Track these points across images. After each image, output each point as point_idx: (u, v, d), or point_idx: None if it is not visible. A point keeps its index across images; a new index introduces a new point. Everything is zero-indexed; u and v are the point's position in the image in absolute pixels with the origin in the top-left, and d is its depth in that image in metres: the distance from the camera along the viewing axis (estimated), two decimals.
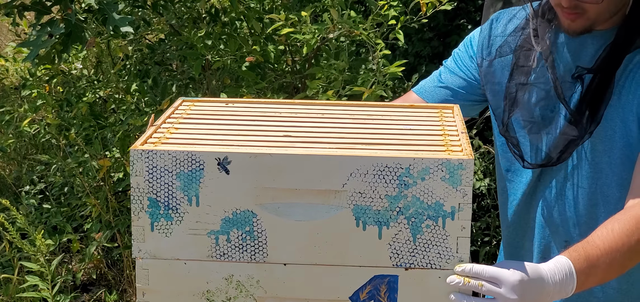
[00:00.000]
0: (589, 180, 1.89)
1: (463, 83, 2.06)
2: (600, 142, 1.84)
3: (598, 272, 1.64)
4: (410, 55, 4.82)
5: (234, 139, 1.62)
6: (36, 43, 3.02)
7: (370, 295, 1.57)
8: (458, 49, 2.11)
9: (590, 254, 1.64)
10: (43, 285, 2.92)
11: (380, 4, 3.23)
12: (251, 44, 3.54)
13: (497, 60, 1.98)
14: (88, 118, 3.70)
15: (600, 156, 1.85)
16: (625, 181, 1.83)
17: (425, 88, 2.11)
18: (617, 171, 1.85)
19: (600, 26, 1.83)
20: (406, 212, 1.53)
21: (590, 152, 1.87)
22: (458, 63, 2.08)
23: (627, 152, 1.82)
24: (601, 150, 1.85)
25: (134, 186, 1.55)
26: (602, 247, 1.65)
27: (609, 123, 1.82)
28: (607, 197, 1.88)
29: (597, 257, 1.64)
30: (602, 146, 1.84)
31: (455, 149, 1.57)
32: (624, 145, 1.82)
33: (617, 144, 1.83)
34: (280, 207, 1.55)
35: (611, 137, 1.83)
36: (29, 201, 4.14)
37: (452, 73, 2.08)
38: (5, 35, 6.82)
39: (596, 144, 1.85)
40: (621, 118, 1.81)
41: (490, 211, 4.26)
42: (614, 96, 1.81)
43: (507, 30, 1.99)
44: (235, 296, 1.59)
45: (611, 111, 1.82)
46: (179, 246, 1.57)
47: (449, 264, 1.55)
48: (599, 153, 1.85)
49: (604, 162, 1.85)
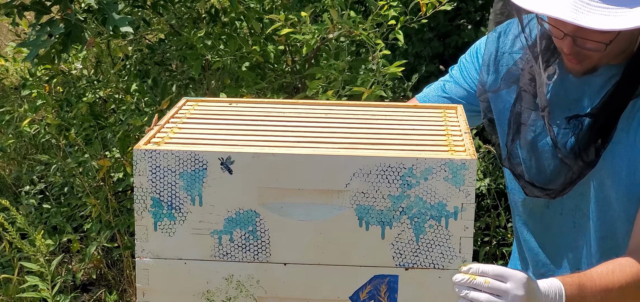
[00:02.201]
0: (597, 212, 1.88)
1: (467, 95, 2.05)
2: (608, 177, 1.83)
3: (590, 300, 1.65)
4: (410, 56, 4.82)
5: (237, 139, 1.62)
6: (36, 43, 3.02)
7: (371, 295, 1.57)
8: (464, 59, 2.09)
9: (584, 284, 1.66)
10: (43, 285, 2.92)
11: (380, 4, 3.23)
12: (251, 44, 3.54)
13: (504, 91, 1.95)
14: (88, 118, 3.70)
15: (608, 190, 1.84)
16: (632, 217, 1.81)
17: (429, 97, 2.10)
18: (624, 207, 1.83)
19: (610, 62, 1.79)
20: (409, 212, 1.53)
21: (598, 185, 1.85)
22: (463, 74, 2.06)
23: (633, 190, 1.81)
24: (609, 185, 1.83)
25: (137, 185, 1.55)
26: (598, 283, 1.67)
27: (617, 159, 1.80)
28: (614, 230, 1.87)
29: (590, 290, 1.66)
30: (610, 181, 1.83)
31: (458, 149, 1.57)
32: (630, 184, 1.80)
33: (624, 181, 1.81)
34: (284, 207, 1.55)
35: (618, 173, 1.81)
36: (28, 201, 4.14)
37: (457, 84, 2.07)
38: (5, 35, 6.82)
39: (604, 178, 1.83)
40: (629, 156, 1.79)
41: (490, 210, 4.26)
42: (623, 133, 1.79)
43: (514, 47, 1.95)
44: (235, 296, 1.59)
45: (620, 148, 1.80)
46: (182, 245, 1.57)
47: (452, 264, 1.55)
48: (607, 187, 1.84)
49: (611, 196, 1.84)
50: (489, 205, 4.27)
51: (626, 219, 1.83)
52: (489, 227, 4.24)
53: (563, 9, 1.60)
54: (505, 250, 4.10)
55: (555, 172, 1.86)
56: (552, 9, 1.61)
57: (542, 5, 1.63)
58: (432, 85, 2.15)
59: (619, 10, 1.60)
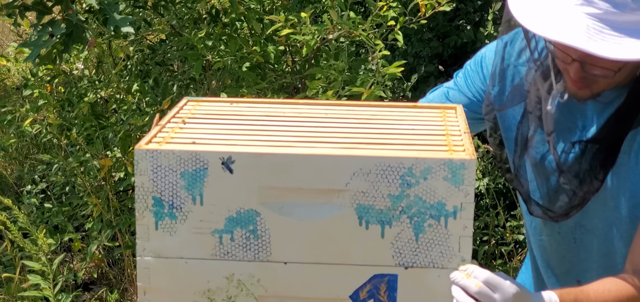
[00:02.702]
0: (600, 229, 1.89)
1: (470, 103, 2.05)
2: (611, 199, 1.83)
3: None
4: (409, 56, 4.82)
5: (238, 138, 1.62)
6: (37, 43, 3.03)
7: (370, 294, 1.58)
8: (469, 66, 2.07)
9: (580, 300, 1.67)
10: (45, 284, 2.93)
11: (379, 5, 3.24)
12: (251, 44, 3.55)
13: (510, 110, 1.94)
14: (89, 118, 3.71)
15: (611, 211, 1.85)
16: (631, 238, 1.82)
17: (433, 103, 2.09)
18: (625, 227, 1.84)
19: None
20: (409, 212, 1.54)
21: (601, 203, 1.85)
22: (467, 82, 2.06)
23: (634, 211, 1.81)
24: (612, 206, 1.84)
25: (139, 185, 1.56)
26: (593, 300, 1.68)
27: (620, 181, 1.81)
28: (614, 249, 1.88)
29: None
30: (613, 202, 1.84)
31: (457, 149, 1.58)
32: (632, 206, 1.81)
33: (626, 203, 1.82)
34: (284, 207, 1.56)
35: (622, 194, 1.81)
36: (30, 200, 4.15)
37: (461, 92, 2.07)
38: (7, 35, 6.82)
39: (607, 200, 1.84)
40: (631, 179, 1.79)
41: (489, 210, 4.27)
42: (626, 155, 1.78)
43: (520, 59, 1.93)
44: (236, 295, 1.60)
45: (622, 170, 1.80)
46: (183, 244, 1.58)
47: (451, 263, 1.56)
48: (610, 209, 1.85)
49: (614, 217, 1.85)
50: (487, 204, 4.28)
51: (626, 241, 1.84)
52: (488, 226, 4.25)
53: (577, 36, 1.58)
54: (504, 249, 4.11)
55: (559, 195, 1.86)
56: (567, 36, 1.58)
57: (555, 32, 1.60)
58: (435, 90, 2.15)
59: (632, 40, 1.59)
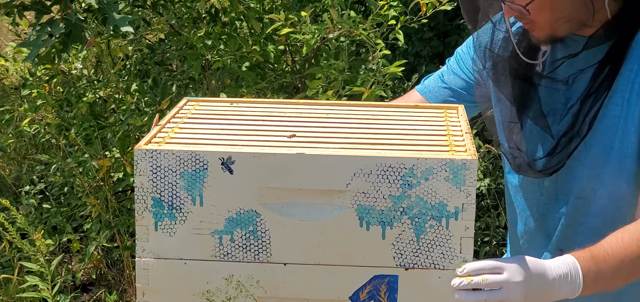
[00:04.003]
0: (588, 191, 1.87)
1: (464, 84, 2.07)
2: (603, 154, 1.82)
3: (605, 274, 1.65)
4: (410, 55, 4.82)
5: (238, 139, 1.62)
6: (36, 43, 3.01)
7: (370, 295, 1.57)
8: (461, 49, 2.11)
9: (597, 254, 1.65)
10: (43, 285, 2.92)
11: (380, 4, 3.23)
12: (251, 44, 3.54)
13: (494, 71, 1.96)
14: (88, 118, 3.70)
15: (601, 167, 1.83)
16: (619, 192, 1.81)
17: (429, 88, 2.12)
18: (615, 182, 1.83)
19: (580, 32, 1.81)
20: (410, 213, 1.53)
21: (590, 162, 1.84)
22: (460, 64, 2.08)
23: (623, 164, 1.80)
24: (602, 161, 1.82)
25: (138, 185, 1.55)
26: (609, 251, 1.65)
27: (611, 135, 1.80)
28: (604, 208, 1.86)
29: (603, 258, 1.64)
30: (604, 157, 1.82)
31: (459, 150, 1.57)
32: (621, 157, 1.80)
33: (615, 154, 1.80)
34: (284, 207, 1.55)
35: (611, 147, 1.80)
36: (28, 200, 4.13)
37: (454, 74, 2.09)
38: (5, 35, 6.81)
39: (597, 155, 1.83)
40: (622, 129, 1.79)
41: (490, 211, 4.26)
42: (617, 107, 1.78)
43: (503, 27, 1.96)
44: (235, 296, 1.59)
45: (613, 122, 1.79)
46: (182, 245, 1.57)
47: (453, 264, 1.55)
48: (600, 164, 1.83)
49: (604, 173, 1.83)
50: (489, 205, 4.27)
51: (613, 196, 1.83)
52: (489, 227, 4.24)
53: None
54: (505, 251, 4.11)
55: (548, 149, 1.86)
56: None
57: None
58: (430, 76, 2.16)
59: None
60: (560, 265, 1.62)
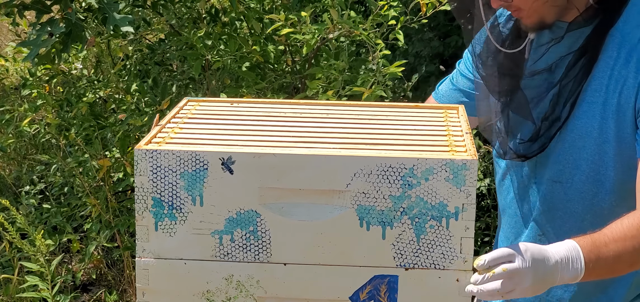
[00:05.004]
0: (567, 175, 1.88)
1: (472, 84, 2.07)
2: (579, 139, 1.84)
3: (607, 259, 1.65)
4: (410, 56, 4.82)
5: (238, 139, 1.62)
6: (36, 42, 3.01)
7: (370, 295, 1.57)
8: (467, 51, 2.12)
9: (597, 239, 1.65)
10: (43, 285, 2.92)
11: (380, 4, 3.23)
12: (251, 44, 3.54)
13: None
14: (88, 118, 3.69)
15: (578, 151, 1.84)
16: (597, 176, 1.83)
17: (441, 93, 2.14)
18: (593, 167, 1.84)
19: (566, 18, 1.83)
20: (410, 213, 1.53)
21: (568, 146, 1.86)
22: (466, 63, 2.10)
23: (602, 148, 1.82)
24: (580, 146, 1.84)
25: (138, 185, 1.55)
26: (611, 237, 1.66)
27: (589, 120, 1.81)
28: (582, 193, 1.87)
29: (605, 243, 1.65)
30: (581, 142, 1.84)
31: (459, 150, 1.57)
32: (600, 142, 1.81)
33: (594, 140, 1.82)
34: (284, 207, 1.55)
35: (588, 132, 1.82)
36: (28, 200, 4.13)
37: (463, 75, 2.11)
38: (5, 35, 6.82)
39: (575, 140, 1.84)
40: (601, 114, 1.80)
41: (490, 211, 4.26)
42: (596, 93, 1.80)
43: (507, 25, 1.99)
44: (235, 296, 1.59)
45: (591, 107, 1.81)
46: (182, 245, 1.57)
47: (453, 264, 1.55)
48: (577, 149, 1.84)
49: (581, 158, 1.85)
50: (489, 205, 4.27)
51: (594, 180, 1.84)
52: (489, 227, 4.24)
53: None
54: None
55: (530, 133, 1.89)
56: None
57: None
58: (444, 81, 2.18)
59: None
60: (561, 249, 1.62)
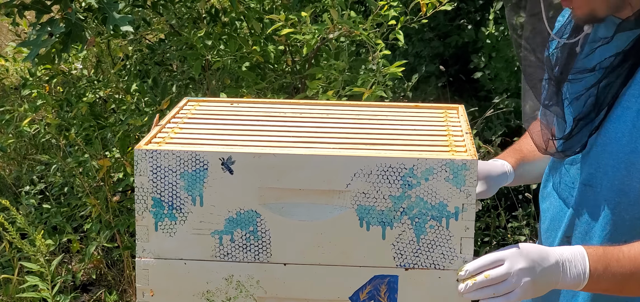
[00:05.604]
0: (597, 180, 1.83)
1: None
2: (610, 143, 1.79)
3: (615, 274, 1.61)
4: (410, 56, 4.82)
5: (238, 139, 1.62)
6: (36, 42, 3.01)
7: (370, 295, 1.57)
8: None
9: (610, 252, 1.62)
10: (43, 285, 2.92)
11: (380, 4, 3.23)
12: (251, 44, 3.54)
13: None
14: (88, 118, 3.70)
15: (608, 156, 1.79)
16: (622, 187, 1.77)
17: None
18: (617, 174, 1.79)
19: (620, 14, 1.76)
20: (410, 213, 1.53)
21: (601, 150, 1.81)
22: None
23: (629, 158, 1.77)
24: (610, 151, 1.79)
25: (138, 185, 1.55)
26: (626, 252, 1.62)
27: (621, 125, 1.76)
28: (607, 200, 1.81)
29: (617, 258, 1.61)
30: (611, 147, 1.79)
31: (459, 150, 1.57)
32: (629, 151, 1.77)
33: (623, 147, 1.77)
34: (284, 207, 1.55)
35: (619, 139, 1.77)
36: (28, 201, 4.13)
37: None
38: (5, 35, 6.82)
39: (606, 144, 1.79)
40: (633, 122, 1.75)
41: (490, 211, 4.26)
42: (632, 99, 1.74)
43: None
44: (235, 296, 1.59)
45: (625, 113, 1.76)
46: (182, 245, 1.57)
47: (453, 264, 1.55)
48: (608, 154, 1.79)
49: (609, 164, 1.81)
50: (489, 205, 4.27)
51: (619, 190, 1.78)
52: (489, 227, 4.24)
53: None
54: None
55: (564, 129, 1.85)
56: None
57: None
58: None
59: None
60: (565, 252, 1.60)
